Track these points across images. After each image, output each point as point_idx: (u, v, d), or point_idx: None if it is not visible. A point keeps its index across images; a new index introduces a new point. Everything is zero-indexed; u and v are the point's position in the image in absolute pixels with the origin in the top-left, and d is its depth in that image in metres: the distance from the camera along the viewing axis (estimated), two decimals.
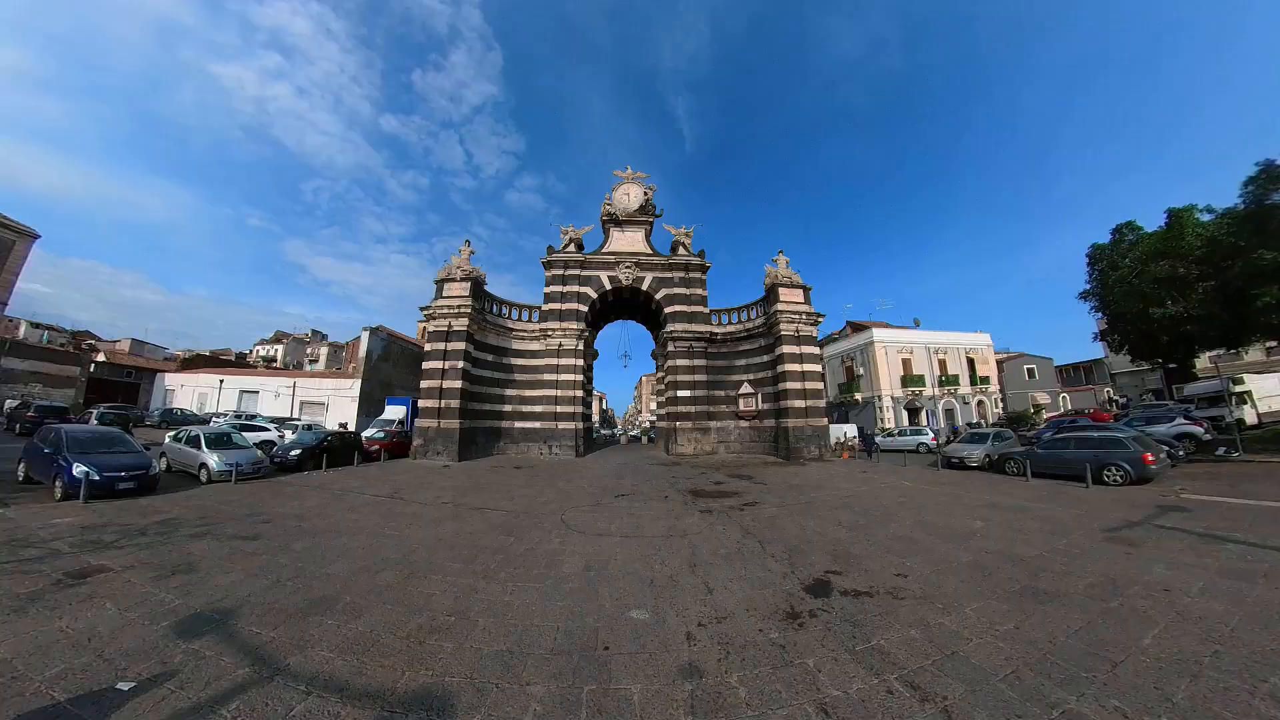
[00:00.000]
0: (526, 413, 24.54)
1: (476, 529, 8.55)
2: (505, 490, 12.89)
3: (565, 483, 14.46)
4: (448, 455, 19.94)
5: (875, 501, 11.30)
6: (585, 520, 9.19)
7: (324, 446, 17.08)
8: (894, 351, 35.79)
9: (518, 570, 6.32)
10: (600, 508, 10.44)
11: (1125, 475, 13.27)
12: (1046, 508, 10.43)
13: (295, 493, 12.09)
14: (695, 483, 14.44)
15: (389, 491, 12.33)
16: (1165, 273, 17.50)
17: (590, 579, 5.95)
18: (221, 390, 36.69)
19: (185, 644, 4.26)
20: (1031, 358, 45.51)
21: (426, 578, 6.07)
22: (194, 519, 9.17)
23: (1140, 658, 3.95)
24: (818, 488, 13.41)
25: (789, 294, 23.64)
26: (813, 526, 8.80)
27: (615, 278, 26.63)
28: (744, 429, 25.05)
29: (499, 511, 10.02)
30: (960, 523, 9.15)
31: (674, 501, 11.17)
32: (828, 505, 10.78)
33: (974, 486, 13.42)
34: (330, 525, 8.80)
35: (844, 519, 9.42)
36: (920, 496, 11.98)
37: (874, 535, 8.21)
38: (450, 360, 21.40)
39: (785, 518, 9.49)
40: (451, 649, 4.22)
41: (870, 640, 4.42)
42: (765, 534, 8.21)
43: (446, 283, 22.60)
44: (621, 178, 28.99)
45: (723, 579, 5.98)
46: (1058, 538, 8.06)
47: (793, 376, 22.32)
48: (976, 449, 17.70)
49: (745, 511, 10.05)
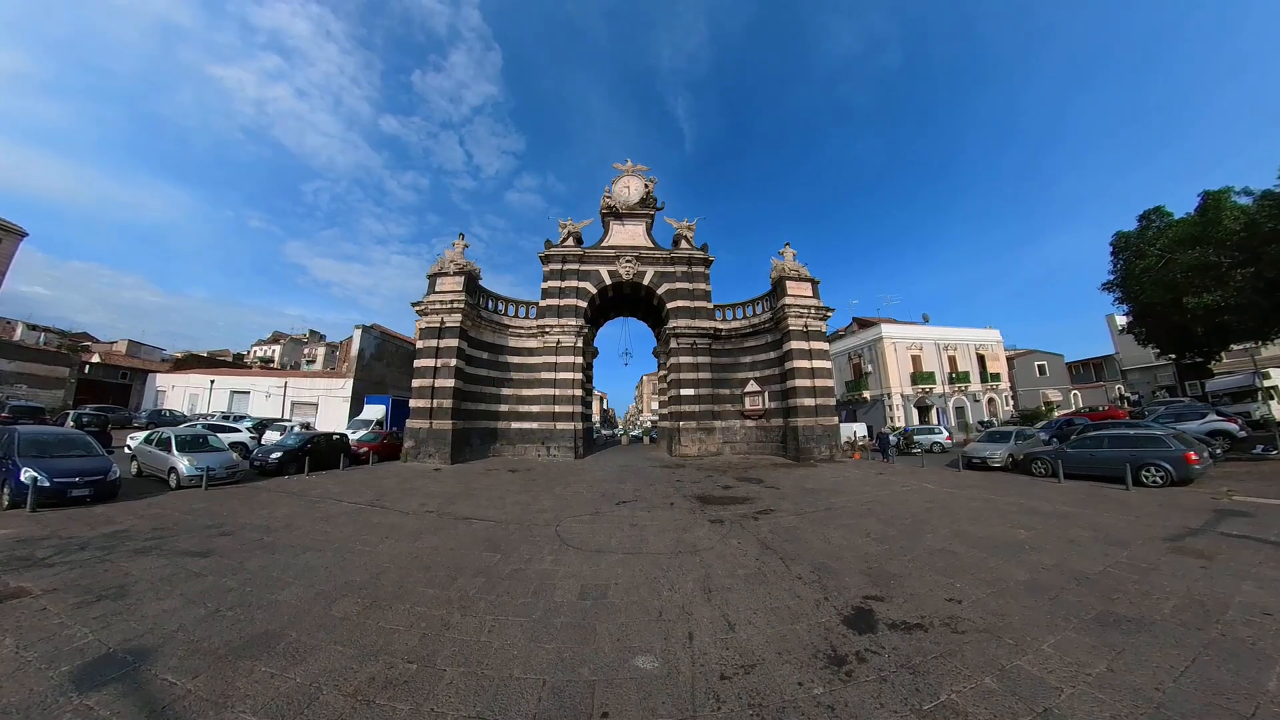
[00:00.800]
0: (523, 413, 23.57)
1: (460, 543, 7.59)
2: (497, 496, 11.93)
3: (563, 488, 13.50)
4: (440, 458, 18.97)
5: (901, 508, 10.33)
6: (583, 533, 8.23)
7: (307, 449, 16.14)
8: (903, 348, 34.73)
9: (501, 598, 5.36)
10: (599, 517, 9.47)
11: (1166, 476, 12.31)
12: (1091, 513, 9.49)
13: (268, 500, 11.15)
14: (702, 487, 13.47)
15: (370, 498, 11.38)
16: (1197, 260, 16.47)
17: (586, 610, 4.98)
18: (212, 391, 35.79)
19: (79, 698, 3.42)
20: (1042, 354, 44.43)
21: (392, 607, 5.11)
22: (147, 531, 8.25)
23: (1272, 708, 3.13)
24: (835, 492, 12.44)
25: (797, 288, 22.65)
26: (838, 538, 7.83)
27: (615, 272, 25.66)
28: (750, 429, 24.06)
29: (488, 522, 9.06)
30: (1002, 532, 8.21)
31: (681, 509, 10.20)
32: (850, 512, 9.82)
33: (1004, 489, 12.45)
34: (296, 539, 7.86)
35: (872, 529, 8.46)
36: (948, 501, 11.01)
37: (910, 549, 7.25)
38: (443, 358, 20.43)
39: (806, 528, 8.52)
40: (406, 713, 3.28)
41: (939, 695, 3.48)
42: (787, 548, 7.24)
43: (439, 277, 21.63)
44: (621, 170, 28.03)
45: (745, 609, 5.02)
46: (1117, 549, 7.13)
47: (802, 373, 21.33)
48: (999, 449, 16.72)
49: (760, 521, 9.08)
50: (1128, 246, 19.81)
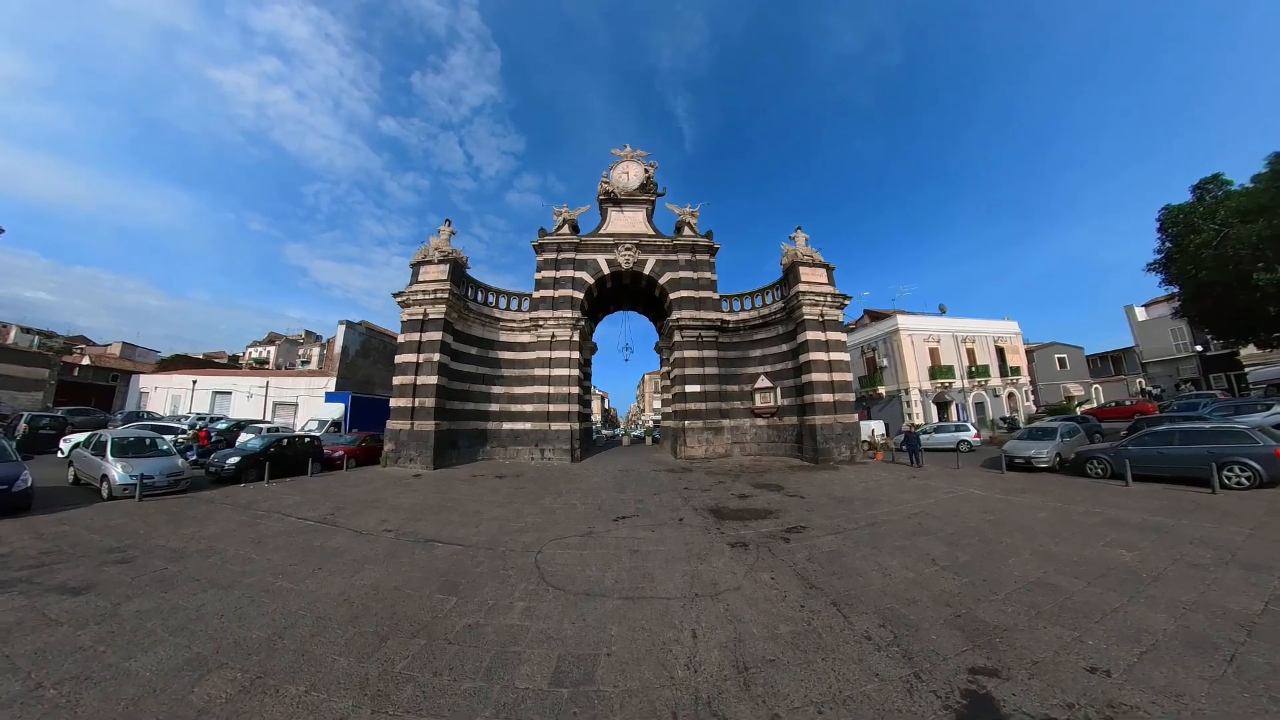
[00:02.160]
0: (515, 412, 21.80)
1: (409, 579, 5.87)
2: (474, 510, 10.17)
3: (553, 497, 11.75)
4: (421, 462, 17.22)
5: (958, 521, 8.58)
6: (569, 564, 6.47)
7: (270, 453, 14.46)
8: (920, 340, 32.76)
9: (439, 679, 3.64)
10: (592, 539, 7.71)
11: (1254, 476, 10.54)
12: (1190, 525, 7.78)
13: (203, 514, 9.46)
14: (714, 496, 11.68)
15: (325, 512, 9.66)
16: (1264, 232, 14.60)
17: (560, 709, 3.25)
18: (194, 391, 34.20)
19: None
20: (1062, 346, 42.53)
21: (278, 693, 3.43)
22: (31, 556, 6.64)
23: None
24: (870, 501, 10.67)
25: (810, 274, 20.83)
26: (898, 568, 6.09)
27: (614, 261, 23.89)
28: (761, 428, 22.26)
29: (454, 546, 7.33)
30: (1098, 553, 6.50)
31: (692, 527, 8.41)
32: (899, 529, 8.05)
33: (1067, 495, 10.67)
34: (207, 569, 6.18)
35: (935, 552, 6.71)
36: (1009, 511, 9.25)
37: (996, 582, 5.52)
38: (425, 353, 18.69)
39: (852, 552, 6.77)
40: None
41: None
42: (837, 586, 5.50)
43: (423, 265, 19.90)
44: (620, 156, 26.26)
45: (803, 702, 3.28)
46: (1263, 575, 5.53)
47: (818, 367, 19.52)
48: (1044, 447, 14.92)
49: (793, 542, 7.31)
50: (1178, 221, 17.88)
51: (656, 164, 26.40)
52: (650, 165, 26.10)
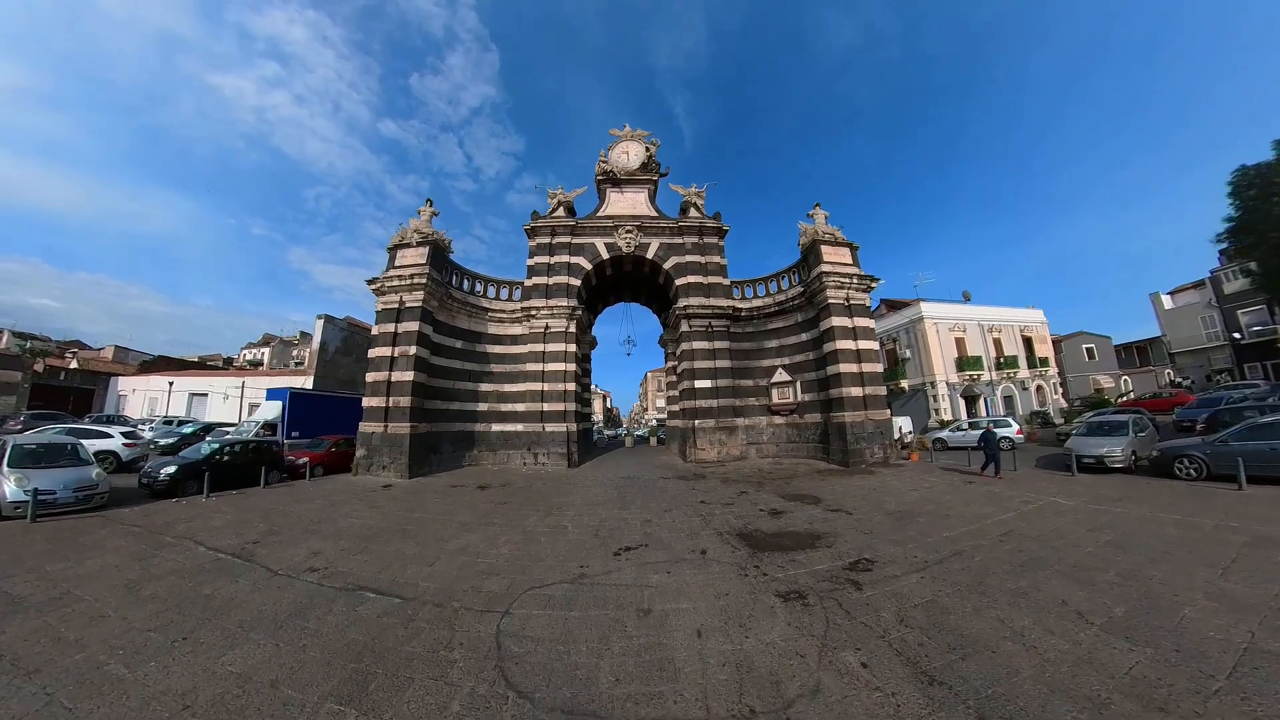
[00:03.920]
0: (506, 413, 19.68)
1: (301, 664, 3.80)
2: (436, 537, 8.04)
3: (540, 517, 9.62)
4: (395, 470, 15.11)
5: (1065, 544, 6.47)
6: (548, 638, 4.32)
7: (214, 462, 12.43)
8: (945, 330, 30.39)
9: None
10: (584, 587, 5.57)
11: None
12: None
13: (97, 541, 7.43)
14: (740, 513, 9.49)
15: (248, 540, 7.59)
16: None
17: None
18: (171, 394, 32.31)
19: None
20: (1090, 336, 40.19)
21: None
22: None
23: None
24: (935, 516, 8.53)
25: (833, 253, 18.64)
26: (1037, 631, 3.99)
27: (614, 245, 21.76)
28: (780, 426, 20.10)
29: (389, 598, 5.24)
30: None
31: (722, 565, 6.22)
32: (1000, 561, 5.92)
33: (1173, 504, 8.54)
34: (30, 633, 4.24)
35: (1072, 599, 4.61)
36: (1122, 527, 7.12)
37: (1193, 652, 3.43)
38: (401, 346, 16.59)
39: (958, 606, 4.65)
40: None
41: None
42: (968, 678, 3.38)
43: (400, 249, 17.81)
44: (619, 136, 24.13)
45: None
46: None
47: (846, 357, 17.34)
48: (1117, 444, 12.76)
49: (867, 590, 5.16)
50: (1254, 183, 15.57)
51: (659, 142, 24.25)
52: (652, 143, 23.97)
